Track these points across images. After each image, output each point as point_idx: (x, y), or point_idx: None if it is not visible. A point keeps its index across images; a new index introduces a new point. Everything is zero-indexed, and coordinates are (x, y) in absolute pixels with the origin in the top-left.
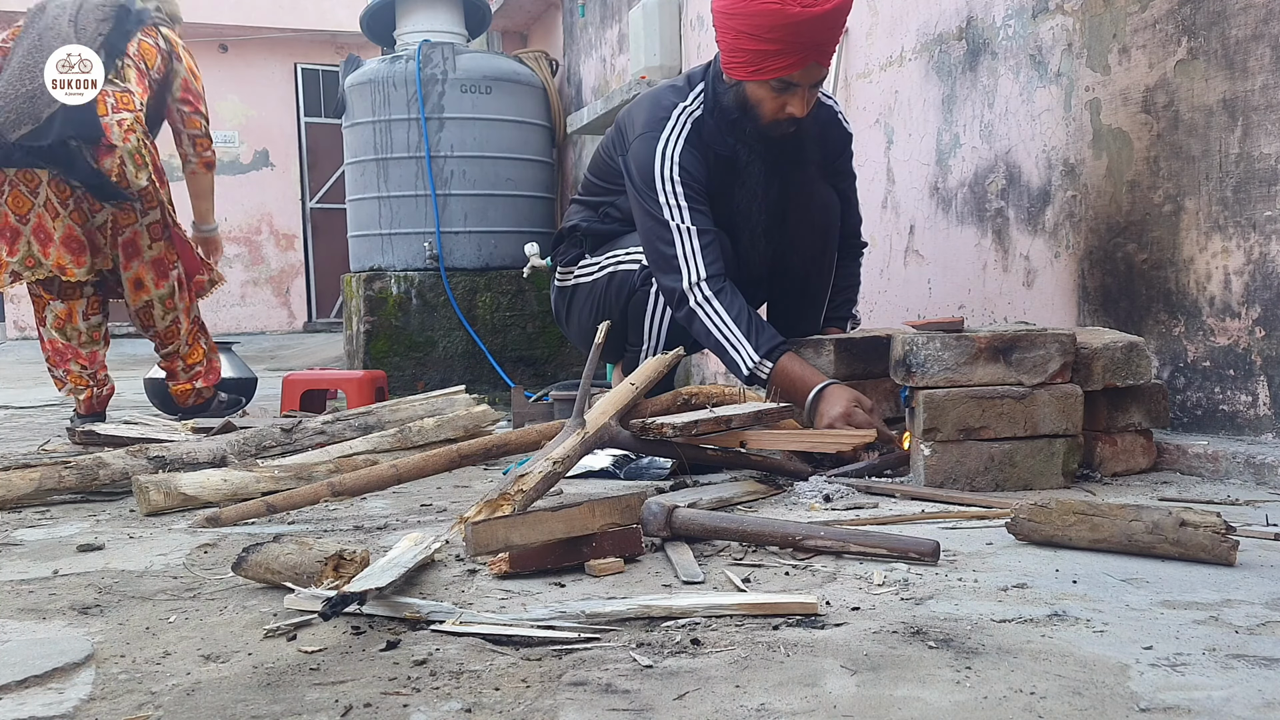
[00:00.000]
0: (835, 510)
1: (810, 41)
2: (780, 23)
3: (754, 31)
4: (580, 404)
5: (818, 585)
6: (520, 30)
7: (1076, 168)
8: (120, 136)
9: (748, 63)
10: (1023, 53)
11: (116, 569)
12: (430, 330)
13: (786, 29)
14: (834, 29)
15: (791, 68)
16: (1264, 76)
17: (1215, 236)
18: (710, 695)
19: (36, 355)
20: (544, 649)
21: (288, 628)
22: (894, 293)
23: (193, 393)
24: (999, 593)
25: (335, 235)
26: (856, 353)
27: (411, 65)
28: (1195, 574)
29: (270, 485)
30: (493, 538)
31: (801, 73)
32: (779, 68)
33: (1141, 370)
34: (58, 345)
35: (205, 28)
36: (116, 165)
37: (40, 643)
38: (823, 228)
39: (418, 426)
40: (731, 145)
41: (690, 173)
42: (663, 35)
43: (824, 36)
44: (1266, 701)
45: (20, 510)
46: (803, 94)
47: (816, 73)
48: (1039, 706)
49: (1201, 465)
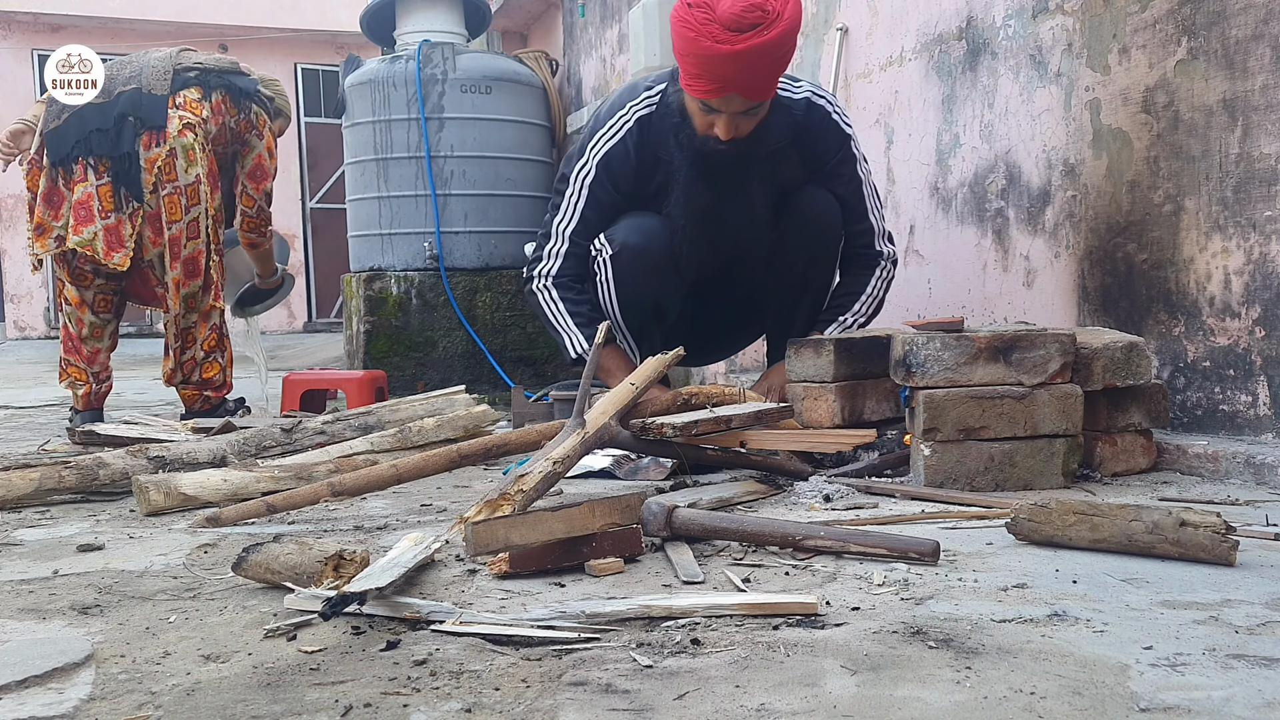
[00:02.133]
0: (835, 510)
1: (726, 75)
2: (696, 51)
3: (681, 51)
4: (580, 404)
5: (818, 585)
6: (520, 30)
7: (1076, 168)
8: (177, 130)
9: (684, 74)
10: (1023, 53)
11: (116, 569)
12: (430, 330)
13: (701, 59)
14: (754, 66)
15: (710, 93)
16: (1264, 76)
17: (1215, 236)
18: (710, 695)
19: (36, 355)
20: (544, 649)
21: (288, 628)
22: (894, 293)
23: (200, 399)
24: (999, 593)
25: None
26: (856, 353)
27: (411, 65)
28: (1195, 574)
29: (270, 485)
30: (493, 538)
31: (720, 100)
32: (701, 90)
33: (1141, 370)
34: (69, 333)
35: (205, 28)
36: (163, 155)
37: (40, 643)
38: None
39: (418, 426)
40: (673, 148)
41: (611, 171)
42: (663, 35)
43: (740, 72)
44: (1266, 701)
45: (20, 510)
46: (726, 120)
47: (737, 103)
48: (1039, 706)
49: (1201, 465)
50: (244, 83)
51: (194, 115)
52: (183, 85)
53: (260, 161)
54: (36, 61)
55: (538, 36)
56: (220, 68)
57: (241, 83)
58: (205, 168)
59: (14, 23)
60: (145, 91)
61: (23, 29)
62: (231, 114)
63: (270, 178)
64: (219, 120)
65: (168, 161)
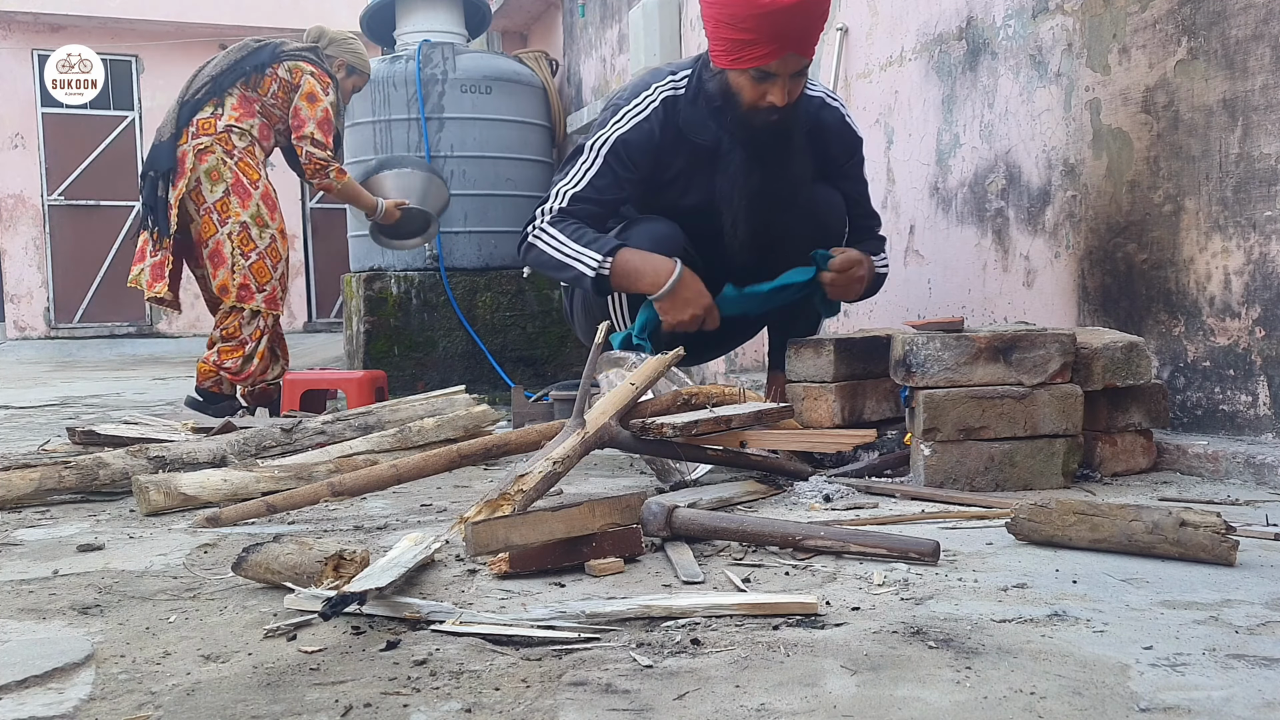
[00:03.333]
0: (835, 510)
1: (784, 31)
2: (752, 12)
3: (730, 20)
4: (580, 404)
5: (818, 585)
6: (520, 30)
7: (1076, 168)
8: (193, 162)
9: (727, 51)
10: (1023, 53)
11: (116, 569)
12: (430, 330)
13: (759, 19)
14: (808, 19)
15: (767, 57)
16: (1264, 76)
17: (1215, 236)
18: (710, 695)
19: (36, 355)
20: (544, 649)
21: (288, 628)
22: (894, 293)
23: (214, 375)
24: (999, 593)
25: (335, 235)
26: (856, 353)
27: (411, 65)
28: (1195, 574)
29: (270, 485)
30: (493, 538)
31: (778, 63)
32: (755, 57)
33: (1141, 370)
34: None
35: (205, 28)
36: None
37: (40, 643)
38: (821, 219)
39: (418, 426)
40: (714, 132)
41: (630, 147)
42: (663, 35)
43: (798, 27)
44: (1266, 701)
45: (20, 510)
46: (782, 84)
47: (795, 63)
48: (1039, 706)
49: (1201, 465)
50: (259, 58)
51: (208, 135)
52: (193, 111)
53: (296, 111)
54: (36, 61)
55: (538, 36)
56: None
57: (255, 60)
58: (232, 178)
59: (14, 23)
60: (157, 142)
61: (23, 29)
62: (264, 91)
63: (304, 124)
64: (251, 108)
65: (194, 191)
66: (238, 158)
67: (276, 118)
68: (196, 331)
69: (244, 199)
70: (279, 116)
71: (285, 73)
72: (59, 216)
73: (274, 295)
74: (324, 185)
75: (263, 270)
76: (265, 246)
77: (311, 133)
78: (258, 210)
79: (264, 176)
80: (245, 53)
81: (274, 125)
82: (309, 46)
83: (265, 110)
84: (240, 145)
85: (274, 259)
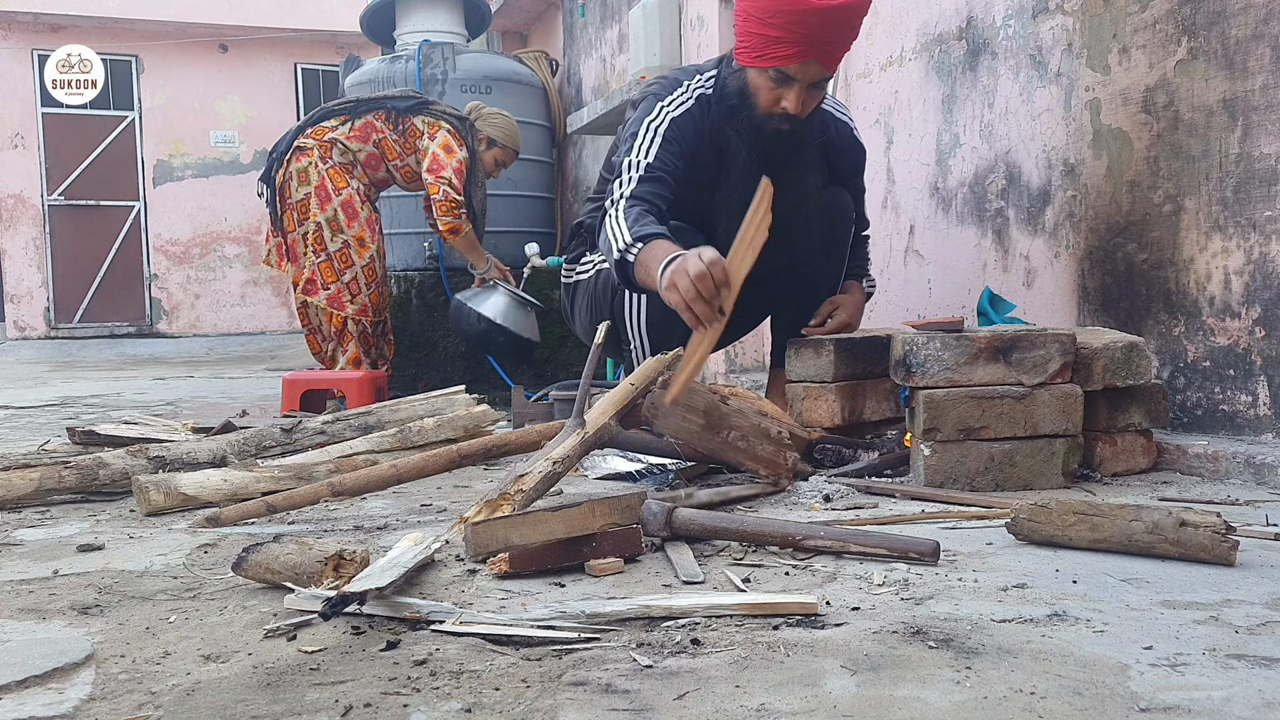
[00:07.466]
0: (835, 510)
1: (813, 34)
2: (787, 8)
3: (762, 14)
4: (580, 404)
5: (818, 585)
6: (520, 30)
7: (1076, 168)
8: (291, 156)
9: (752, 47)
10: (1023, 53)
11: (116, 569)
12: (430, 330)
13: (791, 15)
14: (838, 29)
15: (790, 59)
16: (1264, 76)
17: (1215, 236)
18: (710, 695)
19: (36, 355)
20: (544, 649)
21: (288, 628)
22: (894, 293)
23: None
24: (999, 593)
25: None
26: (856, 353)
27: (411, 65)
28: (1195, 574)
29: (270, 485)
30: (493, 538)
31: (799, 67)
32: (779, 56)
33: (1141, 370)
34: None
35: (205, 28)
36: (284, 177)
37: (40, 643)
38: (824, 231)
39: (418, 426)
40: (726, 135)
41: (678, 130)
42: (663, 35)
43: (828, 33)
44: (1266, 701)
45: (20, 510)
46: (798, 90)
47: (815, 71)
48: (1039, 706)
49: (1201, 465)
50: (407, 102)
51: (314, 139)
52: (324, 116)
53: (434, 156)
54: (36, 61)
55: (538, 36)
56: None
57: (404, 103)
58: (318, 181)
59: (14, 23)
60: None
61: (23, 29)
62: (389, 129)
63: (444, 168)
64: (369, 136)
65: (285, 185)
66: (330, 165)
67: (393, 155)
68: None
69: (323, 202)
70: (396, 154)
71: (422, 124)
72: (59, 216)
73: (338, 295)
74: (454, 226)
75: (329, 270)
76: (335, 250)
77: (450, 176)
78: (335, 214)
79: (352, 189)
80: (399, 93)
81: (385, 161)
82: (456, 112)
83: (382, 145)
84: (337, 158)
85: (343, 263)
